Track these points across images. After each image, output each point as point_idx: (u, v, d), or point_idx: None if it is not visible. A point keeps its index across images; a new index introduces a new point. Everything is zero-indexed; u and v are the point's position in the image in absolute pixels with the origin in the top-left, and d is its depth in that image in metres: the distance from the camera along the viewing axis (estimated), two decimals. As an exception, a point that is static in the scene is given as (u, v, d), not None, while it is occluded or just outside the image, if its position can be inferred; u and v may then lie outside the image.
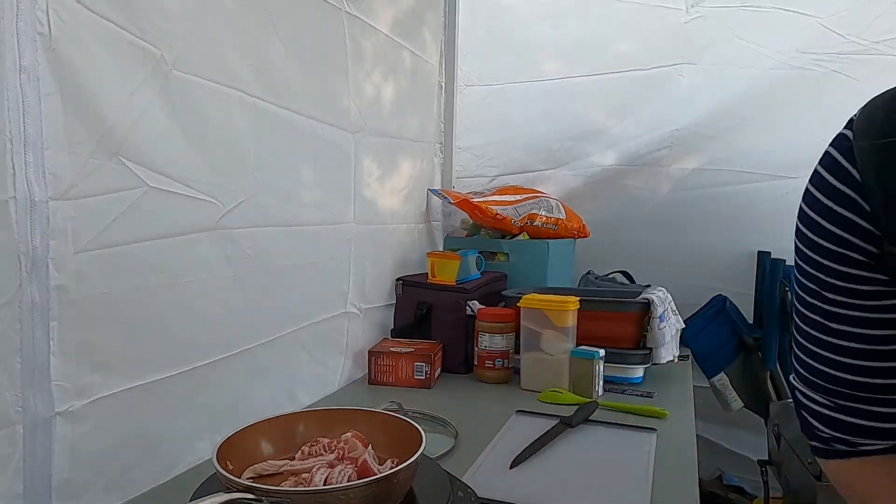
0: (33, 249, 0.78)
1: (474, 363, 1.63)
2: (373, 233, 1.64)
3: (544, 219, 1.98)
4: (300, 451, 0.89)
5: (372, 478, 0.75)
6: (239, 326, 1.15)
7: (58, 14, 0.78)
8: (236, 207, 1.11)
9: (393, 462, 0.85)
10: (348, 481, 0.78)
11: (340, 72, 1.44)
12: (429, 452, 0.90)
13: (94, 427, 0.88)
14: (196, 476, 0.90)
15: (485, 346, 1.59)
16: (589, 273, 2.10)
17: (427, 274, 1.76)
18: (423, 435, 0.83)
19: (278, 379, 1.29)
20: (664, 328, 1.60)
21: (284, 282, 1.28)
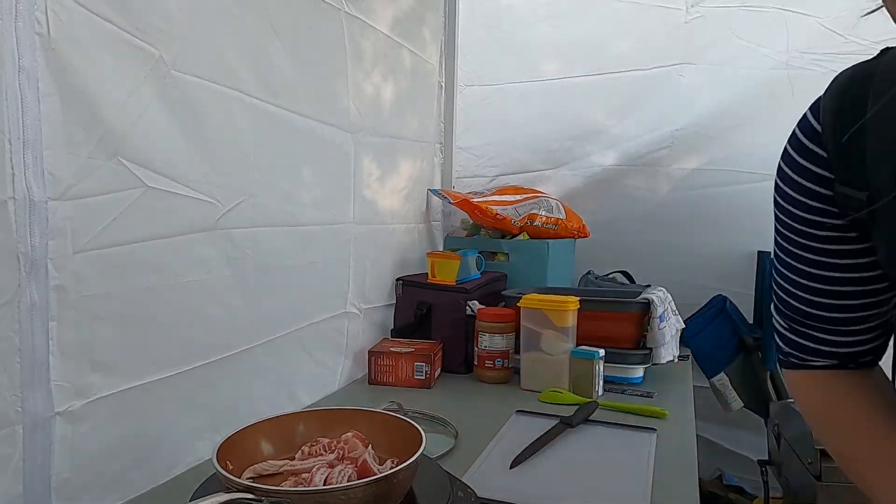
0: (32, 249, 0.78)
1: (474, 363, 1.63)
2: (373, 233, 1.64)
3: (544, 219, 1.98)
4: (300, 451, 0.89)
5: (372, 478, 0.75)
6: (238, 326, 1.15)
7: (56, 14, 0.78)
8: (235, 207, 1.11)
9: (393, 462, 0.85)
10: (348, 481, 0.78)
11: (340, 72, 1.44)
12: (429, 452, 0.90)
13: (94, 427, 0.88)
14: (196, 476, 0.90)
15: (485, 346, 1.59)
16: (589, 273, 2.10)
17: (427, 274, 1.76)
18: (423, 435, 0.83)
19: (278, 379, 1.29)
20: (664, 328, 1.60)
21: (284, 282, 1.27)
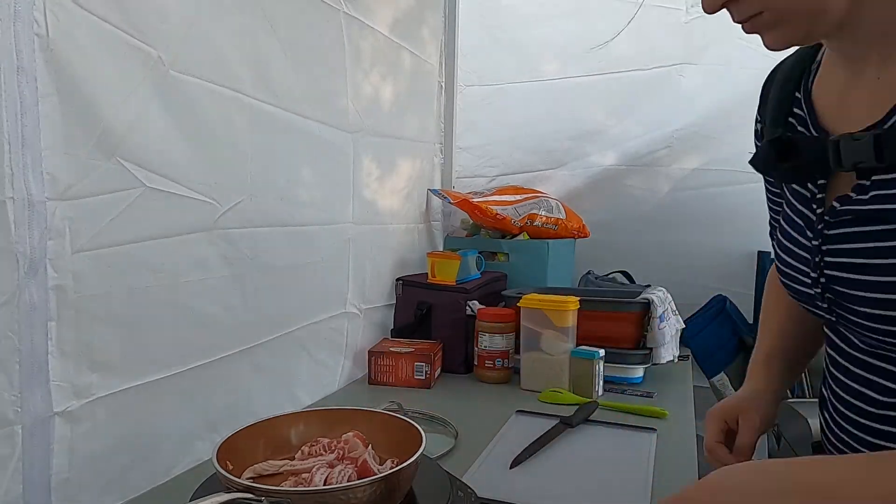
0: (31, 250, 0.78)
1: (474, 363, 1.63)
2: (372, 233, 1.64)
3: (544, 219, 1.98)
4: (300, 451, 0.89)
5: (372, 478, 0.75)
6: (238, 326, 1.15)
7: (55, 15, 0.78)
8: (234, 207, 1.11)
9: (393, 462, 0.85)
10: (348, 481, 0.78)
11: (339, 72, 1.44)
12: (429, 452, 0.90)
13: (93, 427, 0.88)
14: (196, 476, 0.90)
15: (485, 346, 1.59)
16: (589, 273, 2.10)
17: (427, 274, 1.76)
18: (423, 435, 0.83)
19: (278, 379, 1.29)
20: (664, 328, 1.60)
21: (283, 282, 1.27)
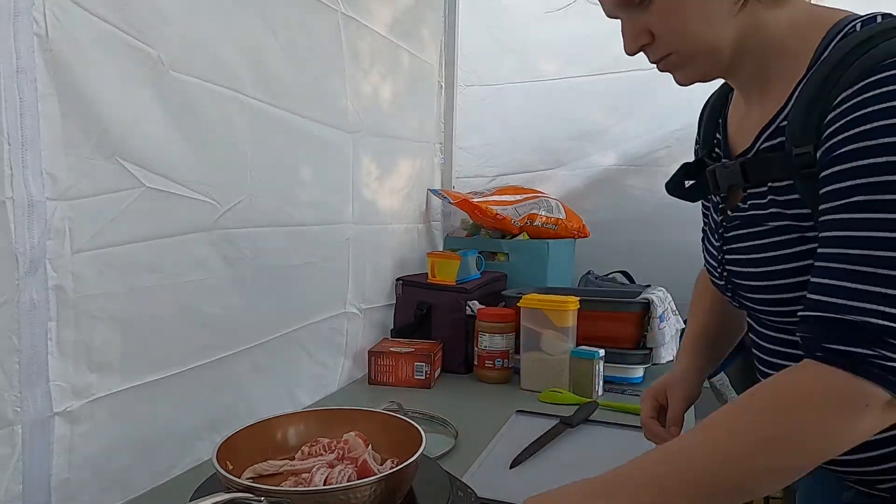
0: (31, 250, 0.78)
1: (474, 363, 1.63)
2: (372, 233, 1.64)
3: (544, 219, 1.98)
4: (300, 451, 0.89)
5: (372, 478, 0.75)
6: (238, 326, 1.15)
7: (54, 15, 0.78)
8: (234, 207, 1.11)
9: (393, 462, 0.85)
10: (348, 481, 0.78)
11: (337, 72, 1.44)
12: (429, 452, 0.90)
13: (93, 427, 0.88)
14: (196, 476, 0.90)
15: (485, 346, 1.59)
16: (589, 273, 2.10)
17: (427, 274, 1.76)
18: (423, 435, 0.83)
19: (278, 379, 1.29)
20: (664, 328, 1.60)
21: (283, 282, 1.27)
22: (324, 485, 0.77)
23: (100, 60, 0.85)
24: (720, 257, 0.79)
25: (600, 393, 1.48)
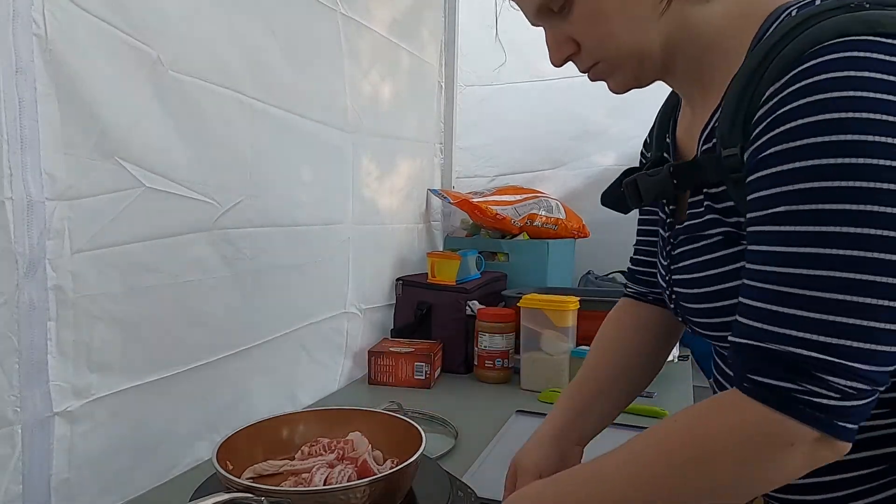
0: (30, 250, 0.78)
1: (474, 363, 1.63)
2: (372, 233, 1.64)
3: (544, 219, 1.98)
4: (300, 451, 0.89)
5: (372, 478, 0.75)
6: (237, 326, 1.15)
7: (54, 15, 0.78)
8: (233, 208, 1.11)
9: (393, 462, 0.85)
10: (348, 481, 0.78)
11: (337, 72, 1.44)
12: (429, 452, 0.90)
13: (93, 427, 0.88)
14: (196, 476, 0.90)
15: (485, 346, 1.59)
16: (589, 273, 2.10)
17: (427, 274, 1.76)
18: (423, 435, 0.83)
19: (278, 379, 1.29)
20: (664, 327, 1.59)
21: (283, 282, 1.27)
22: (324, 485, 0.77)
23: (99, 60, 0.85)
24: (668, 278, 0.72)
25: (600, 393, 1.48)
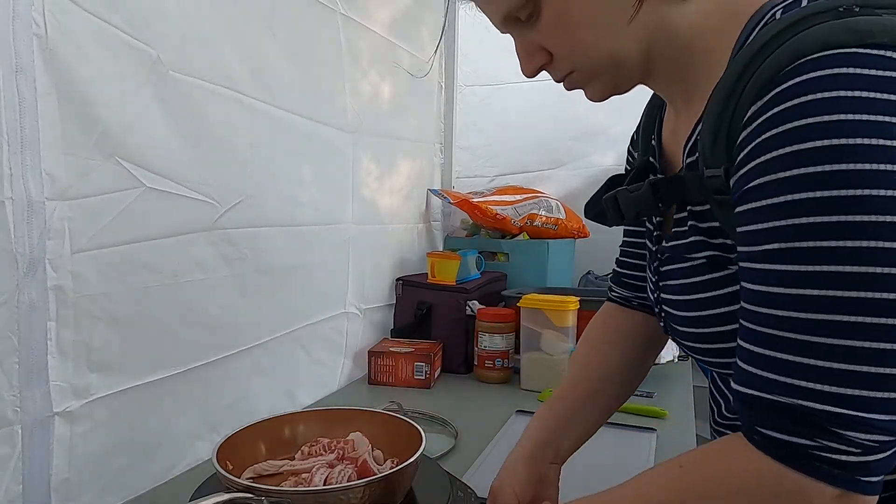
0: (30, 250, 0.78)
1: (474, 363, 1.63)
2: (372, 233, 1.64)
3: (544, 219, 1.98)
4: (300, 451, 0.89)
5: (372, 478, 0.75)
6: (238, 326, 1.15)
7: (54, 15, 0.78)
8: (234, 208, 1.11)
9: (393, 462, 0.85)
10: (348, 481, 0.78)
11: (336, 72, 1.44)
12: (429, 452, 0.90)
13: (93, 427, 0.88)
14: (196, 476, 0.90)
15: (485, 346, 1.59)
16: (589, 273, 2.10)
17: (427, 274, 1.76)
18: (423, 435, 0.83)
19: (278, 379, 1.29)
20: (664, 327, 1.59)
21: (283, 282, 1.27)
22: (324, 485, 0.77)
23: (99, 60, 0.85)
24: (657, 295, 0.68)
25: (600, 393, 1.48)
